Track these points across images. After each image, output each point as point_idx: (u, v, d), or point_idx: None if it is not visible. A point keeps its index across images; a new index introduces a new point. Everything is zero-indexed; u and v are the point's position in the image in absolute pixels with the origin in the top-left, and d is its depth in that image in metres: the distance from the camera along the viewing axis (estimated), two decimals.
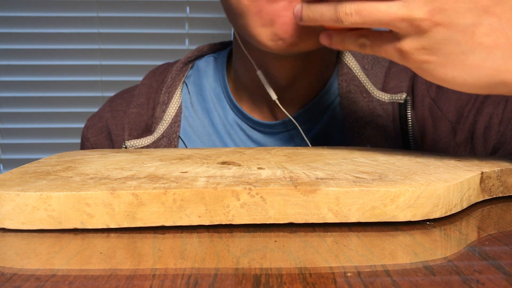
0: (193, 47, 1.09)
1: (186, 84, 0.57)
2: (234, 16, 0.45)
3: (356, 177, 0.28)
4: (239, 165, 0.33)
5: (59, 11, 1.06)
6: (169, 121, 0.54)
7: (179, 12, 1.08)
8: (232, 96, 0.55)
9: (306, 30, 0.42)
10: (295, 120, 0.51)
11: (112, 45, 1.07)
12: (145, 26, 1.07)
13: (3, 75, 1.07)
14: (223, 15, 0.50)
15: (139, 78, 0.62)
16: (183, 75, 0.57)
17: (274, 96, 0.50)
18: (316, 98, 0.53)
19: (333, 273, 0.20)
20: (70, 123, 1.09)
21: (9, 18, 1.05)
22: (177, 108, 0.55)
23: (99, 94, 1.09)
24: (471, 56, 0.31)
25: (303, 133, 0.50)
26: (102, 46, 1.07)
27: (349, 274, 0.20)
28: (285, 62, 0.49)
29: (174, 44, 1.09)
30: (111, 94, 1.08)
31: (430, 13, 0.30)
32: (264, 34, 0.43)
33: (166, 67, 0.60)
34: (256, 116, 0.54)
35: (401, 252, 0.22)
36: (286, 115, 0.52)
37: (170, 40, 1.08)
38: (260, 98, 0.53)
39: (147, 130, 0.55)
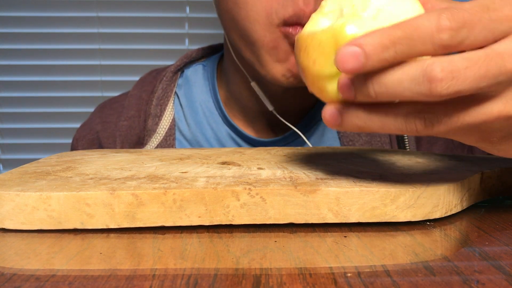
0: (193, 47, 1.09)
1: (178, 96, 0.56)
2: (245, 43, 0.44)
3: (356, 177, 0.28)
4: (239, 165, 0.33)
5: (59, 11, 1.06)
6: (163, 134, 0.53)
7: (179, 12, 1.08)
8: (224, 111, 0.53)
9: None
10: (293, 134, 0.51)
11: (112, 45, 1.07)
12: (145, 26, 1.07)
13: (3, 75, 1.07)
14: None
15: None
16: (174, 85, 0.56)
17: (270, 107, 0.49)
18: (313, 110, 0.52)
19: (333, 273, 0.20)
20: (70, 123, 1.09)
21: (9, 18, 1.05)
22: (170, 121, 0.54)
23: (99, 94, 1.09)
24: None
25: (309, 144, 0.50)
26: (102, 46, 1.07)
27: (349, 274, 0.20)
28: None
29: (174, 44, 1.08)
30: (111, 94, 1.08)
31: None
32: (277, 69, 0.43)
33: (155, 75, 0.58)
34: (249, 132, 0.53)
35: (401, 252, 0.22)
36: (279, 131, 0.52)
37: (170, 40, 1.08)
38: (254, 112, 0.53)
39: (139, 142, 0.54)
